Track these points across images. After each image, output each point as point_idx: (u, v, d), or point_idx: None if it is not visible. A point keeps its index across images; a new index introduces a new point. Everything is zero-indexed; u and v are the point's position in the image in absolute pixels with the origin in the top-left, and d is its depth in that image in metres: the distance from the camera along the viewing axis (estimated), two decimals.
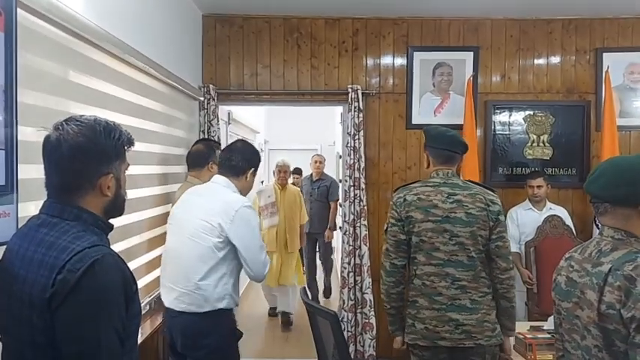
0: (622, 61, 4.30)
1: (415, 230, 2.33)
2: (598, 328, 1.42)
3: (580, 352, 1.49)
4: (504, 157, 4.44)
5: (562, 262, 1.66)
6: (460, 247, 2.29)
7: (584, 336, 1.47)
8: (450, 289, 2.29)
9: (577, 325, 1.50)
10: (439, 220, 2.30)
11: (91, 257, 1.23)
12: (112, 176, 1.36)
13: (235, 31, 4.37)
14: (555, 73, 4.39)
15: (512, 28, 4.38)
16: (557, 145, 4.39)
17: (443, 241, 2.30)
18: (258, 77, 4.39)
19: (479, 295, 2.31)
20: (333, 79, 4.39)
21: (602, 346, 1.41)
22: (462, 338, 2.28)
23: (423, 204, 2.33)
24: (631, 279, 1.36)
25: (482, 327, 2.30)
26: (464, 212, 2.30)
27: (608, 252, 1.47)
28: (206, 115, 4.19)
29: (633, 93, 4.34)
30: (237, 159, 2.50)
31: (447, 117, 4.37)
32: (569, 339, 1.54)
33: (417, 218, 2.32)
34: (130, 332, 1.35)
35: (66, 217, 1.32)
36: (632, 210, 1.48)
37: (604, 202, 1.51)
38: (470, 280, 2.30)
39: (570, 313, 1.53)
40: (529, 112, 4.40)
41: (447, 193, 2.33)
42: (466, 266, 2.30)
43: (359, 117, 4.26)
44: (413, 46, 4.38)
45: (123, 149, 1.38)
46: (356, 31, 4.39)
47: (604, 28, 4.34)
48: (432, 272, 2.31)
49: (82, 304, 1.22)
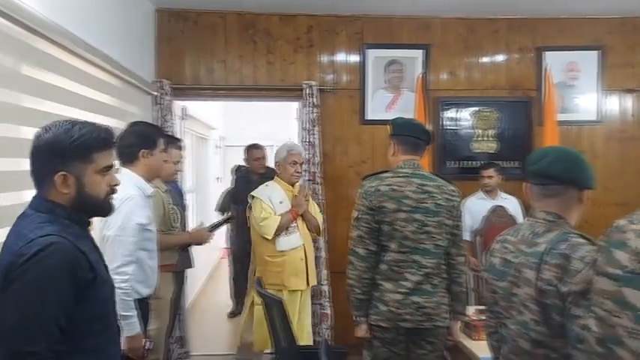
0: (562, 60, 4.55)
1: (387, 220, 2.41)
2: (536, 304, 1.53)
3: (517, 326, 1.60)
4: (453, 152, 4.61)
5: (495, 245, 1.76)
6: (428, 235, 2.41)
7: (521, 311, 1.58)
8: (416, 275, 2.41)
9: (514, 302, 1.61)
10: (410, 210, 2.41)
11: (39, 244, 1.34)
12: (68, 175, 1.44)
13: (190, 26, 4.37)
14: (500, 71, 4.60)
15: (461, 26, 4.55)
16: (502, 139, 4.60)
17: (412, 229, 2.40)
18: (214, 72, 4.41)
19: (439, 280, 2.45)
20: (289, 75, 4.45)
21: (540, 320, 1.52)
22: (421, 320, 2.41)
23: (395, 194, 2.42)
24: (567, 257, 1.48)
25: (440, 309, 2.44)
26: (433, 202, 2.42)
27: (543, 233, 1.59)
28: (160, 111, 4.17)
29: (572, 90, 4.59)
30: (123, 145, 2.39)
31: (399, 113, 4.48)
32: (508, 315, 1.65)
33: (389, 208, 2.41)
34: (96, 314, 1.45)
35: (41, 209, 1.45)
36: (578, 193, 1.62)
37: (559, 184, 1.61)
38: (433, 267, 2.43)
39: (507, 292, 1.64)
40: (476, 107, 4.59)
41: (417, 184, 2.44)
42: (432, 254, 2.42)
43: (315, 112, 4.34)
44: (366, 43, 4.50)
45: (86, 151, 1.45)
46: (310, 27, 4.46)
47: (545, 27, 4.57)
48: (400, 259, 2.41)
49: (22, 287, 1.33)
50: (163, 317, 2.96)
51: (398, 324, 2.41)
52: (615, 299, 1.07)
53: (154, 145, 2.49)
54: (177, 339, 4.14)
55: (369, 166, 4.48)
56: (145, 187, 2.46)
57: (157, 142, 2.51)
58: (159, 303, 2.86)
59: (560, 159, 1.63)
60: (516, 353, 1.62)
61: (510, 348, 1.65)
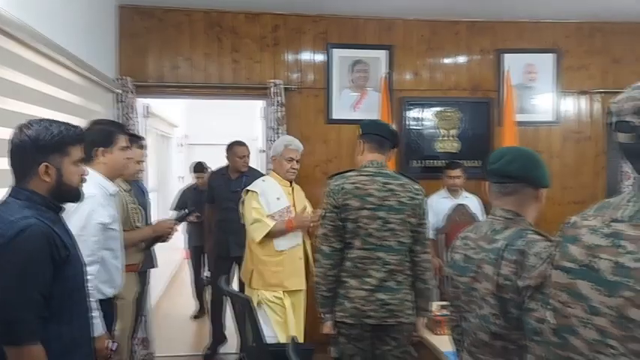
0: (520, 62, 4.69)
1: (351, 217, 2.46)
2: (495, 298, 1.58)
3: (478, 320, 1.66)
4: (417, 151, 4.69)
5: (457, 242, 1.82)
6: (391, 232, 2.46)
7: (481, 306, 1.64)
8: (380, 271, 2.45)
9: (475, 297, 1.67)
10: (374, 208, 2.45)
11: (21, 226, 1.57)
12: (50, 166, 1.68)
13: (154, 24, 4.31)
14: (462, 72, 4.71)
15: (423, 28, 4.64)
16: (464, 139, 4.71)
17: (376, 227, 2.45)
18: (179, 70, 4.36)
19: (403, 276, 2.50)
20: (255, 74, 4.45)
21: (499, 313, 1.58)
22: (385, 316, 2.45)
23: (359, 192, 2.47)
24: (523, 253, 1.54)
25: (404, 306, 2.48)
26: (396, 200, 2.47)
27: (501, 230, 1.66)
28: (123, 108, 4.11)
29: (530, 91, 4.74)
30: None
31: (365, 112, 4.55)
32: (469, 309, 1.71)
33: (353, 206, 2.46)
34: (70, 289, 1.69)
35: (19, 197, 1.67)
36: (534, 191, 1.69)
37: (516, 182, 1.68)
38: (397, 264, 2.48)
39: (468, 287, 1.70)
40: (439, 108, 4.69)
41: (382, 183, 2.49)
42: (395, 251, 2.47)
43: (281, 111, 4.35)
44: (331, 43, 4.53)
45: (63, 145, 1.71)
46: (276, 26, 4.47)
47: (504, 30, 4.70)
48: (365, 256, 2.46)
49: (9, 262, 1.55)
50: (126, 318, 2.92)
51: (363, 320, 2.45)
52: (570, 291, 1.12)
53: (111, 144, 2.47)
54: (141, 340, 4.08)
55: (335, 165, 4.51)
56: (107, 186, 2.43)
57: (115, 140, 2.48)
58: (122, 303, 2.82)
59: (517, 159, 1.70)
60: (477, 345, 1.68)
61: (471, 341, 1.71)
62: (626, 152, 1.09)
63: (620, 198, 1.12)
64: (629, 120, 1.04)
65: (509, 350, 1.59)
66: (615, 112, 1.08)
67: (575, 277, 1.11)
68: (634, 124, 1.03)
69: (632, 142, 1.05)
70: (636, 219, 1.03)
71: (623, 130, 1.05)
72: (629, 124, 1.04)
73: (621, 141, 1.07)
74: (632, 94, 1.05)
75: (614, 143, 1.12)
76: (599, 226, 1.10)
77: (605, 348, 1.03)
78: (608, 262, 1.04)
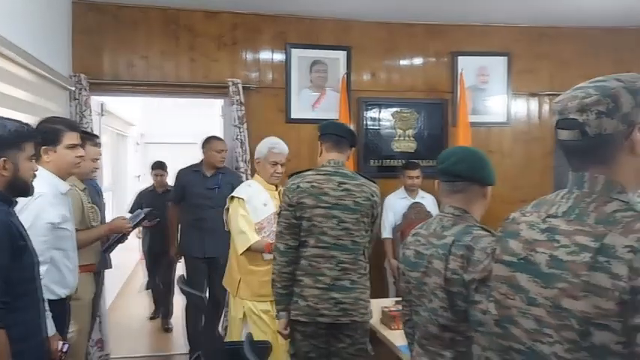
0: (473, 64, 4.83)
1: (306, 215, 2.48)
2: (444, 292, 1.65)
3: (428, 313, 1.73)
4: (375, 151, 4.78)
5: (409, 238, 1.88)
6: (346, 232, 2.49)
7: (431, 299, 1.71)
8: (334, 270, 2.48)
9: (425, 291, 1.74)
10: (329, 207, 2.48)
11: None
12: (7, 160, 1.79)
13: (109, 20, 4.23)
14: (418, 73, 4.82)
15: (380, 30, 4.72)
16: (420, 139, 4.82)
17: (331, 226, 2.47)
18: (134, 68, 4.30)
19: (357, 276, 2.52)
20: (213, 72, 4.43)
21: (447, 307, 1.65)
22: (339, 315, 2.48)
23: (315, 191, 2.49)
24: (470, 248, 1.62)
25: (358, 305, 2.51)
26: (352, 200, 2.51)
27: (450, 227, 1.73)
28: (77, 106, 4.02)
29: (483, 93, 4.90)
30: None
31: (323, 112, 4.60)
32: (420, 303, 1.77)
33: (308, 204, 2.48)
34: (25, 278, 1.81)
35: None
36: (481, 189, 1.78)
37: (464, 181, 1.75)
38: (351, 263, 2.50)
39: (419, 281, 1.76)
40: (396, 108, 4.78)
41: (338, 182, 2.52)
42: (349, 250, 2.50)
43: (240, 110, 4.35)
44: (290, 43, 4.56)
45: (19, 141, 1.82)
46: (234, 25, 4.46)
47: (458, 33, 4.84)
48: (319, 254, 2.48)
49: None
50: (83, 319, 2.87)
51: (316, 319, 2.48)
52: (510, 283, 1.19)
53: (56, 142, 2.42)
54: (97, 341, 4.01)
55: (294, 164, 4.50)
56: (58, 185, 2.38)
57: (61, 139, 2.43)
58: (78, 304, 2.77)
59: (465, 158, 1.78)
60: (427, 338, 1.75)
61: (422, 333, 1.77)
62: (568, 149, 1.15)
63: (555, 195, 1.20)
64: (573, 117, 1.10)
65: (457, 342, 1.66)
66: (559, 111, 1.14)
67: (514, 270, 1.18)
68: (578, 121, 1.09)
69: (575, 138, 1.10)
70: (569, 214, 1.11)
71: (567, 127, 1.11)
72: (574, 121, 1.10)
73: (564, 138, 1.13)
74: (574, 94, 1.12)
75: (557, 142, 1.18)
76: (537, 222, 1.17)
77: (542, 336, 1.10)
78: (545, 255, 1.11)
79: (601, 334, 1.00)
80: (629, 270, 0.96)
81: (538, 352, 1.11)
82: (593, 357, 1.02)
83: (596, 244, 1.02)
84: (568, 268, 1.05)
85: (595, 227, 1.04)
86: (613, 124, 1.07)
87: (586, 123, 1.08)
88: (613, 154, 1.10)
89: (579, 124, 1.09)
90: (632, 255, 0.97)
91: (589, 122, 1.08)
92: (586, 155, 1.12)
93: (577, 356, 1.04)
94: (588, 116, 1.08)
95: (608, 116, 1.07)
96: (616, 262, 0.98)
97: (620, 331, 0.97)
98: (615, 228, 1.01)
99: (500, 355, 1.22)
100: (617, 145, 1.09)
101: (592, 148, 1.10)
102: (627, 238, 0.99)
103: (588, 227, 1.05)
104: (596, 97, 1.08)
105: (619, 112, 1.08)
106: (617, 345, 0.98)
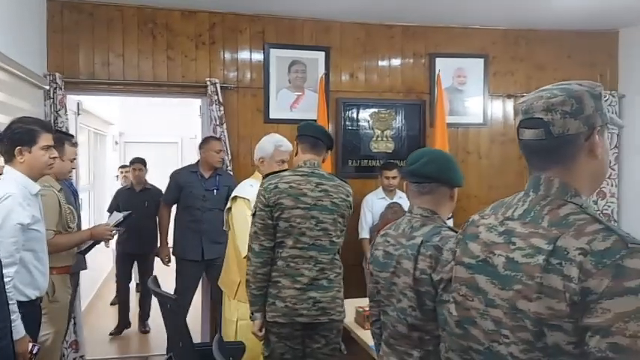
0: (451, 66, 4.88)
1: (284, 216, 2.48)
2: (413, 291, 1.68)
3: (397, 313, 1.75)
4: (353, 151, 4.79)
5: (378, 239, 1.91)
6: (324, 232, 2.51)
7: (399, 299, 1.74)
8: (312, 270, 2.49)
9: (394, 291, 1.76)
10: (308, 208, 2.49)
11: None
12: None
13: (84, 19, 4.18)
14: (396, 74, 4.85)
15: (359, 31, 4.74)
16: (398, 139, 4.85)
17: (309, 226, 2.49)
18: (111, 66, 4.26)
19: (334, 275, 2.55)
20: (191, 72, 4.41)
21: (416, 306, 1.68)
22: (317, 314, 2.50)
23: (293, 192, 2.49)
24: (438, 248, 1.65)
25: (335, 303, 2.54)
26: (329, 201, 2.53)
27: (419, 227, 1.76)
28: (52, 105, 3.97)
29: (460, 94, 4.95)
30: (1, 143, 2.38)
31: (302, 112, 4.60)
32: (388, 303, 1.80)
33: (287, 205, 2.48)
34: None
35: None
36: (449, 190, 1.81)
37: (433, 182, 1.78)
38: (328, 262, 2.53)
39: (388, 281, 1.79)
40: (374, 109, 4.81)
41: (316, 183, 2.53)
42: (327, 250, 2.52)
43: (219, 110, 4.33)
44: (269, 43, 4.55)
45: None
46: (213, 24, 4.44)
47: (436, 35, 4.88)
48: (298, 255, 2.49)
49: None
50: (61, 321, 2.85)
51: (294, 319, 2.49)
52: (469, 285, 1.21)
53: (32, 142, 2.39)
54: (71, 343, 3.97)
55: None
56: (28, 185, 2.36)
57: (35, 139, 2.40)
58: (56, 306, 2.75)
59: (434, 160, 1.80)
60: (395, 337, 1.77)
61: (390, 333, 1.80)
62: (531, 148, 1.16)
63: (512, 197, 1.22)
64: (538, 116, 1.12)
65: (425, 341, 1.69)
66: (524, 110, 1.15)
67: (474, 272, 1.20)
68: (544, 120, 1.11)
69: (539, 137, 1.12)
70: (525, 217, 1.13)
71: (532, 126, 1.13)
72: (540, 120, 1.12)
73: (528, 137, 1.15)
74: (540, 94, 1.14)
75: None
76: (495, 224, 1.19)
77: (499, 337, 1.13)
78: (502, 257, 1.13)
79: (554, 335, 1.02)
80: (580, 272, 0.98)
81: (495, 353, 1.14)
82: (546, 357, 1.04)
83: (549, 247, 1.04)
84: (523, 270, 1.08)
85: (549, 230, 1.07)
86: (576, 125, 1.10)
87: (551, 122, 1.11)
88: (573, 154, 1.12)
89: (544, 123, 1.11)
90: (582, 257, 0.99)
91: (554, 122, 1.10)
92: (548, 155, 1.14)
93: (531, 356, 1.06)
94: (553, 116, 1.10)
95: (572, 117, 1.10)
96: (568, 264, 1.00)
97: (572, 332, 1.00)
98: (568, 231, 1.04)
99: (460, 355, 1.25)
100: (577, 147, 1.12)
101: (555, 148, 1.12)
102: (579, 241, 1.01)
103: (542, 230, 1.08)
104: (561, 97, 1.10)
105: (582, 114, 1.10)
106: (568, 345, 1.01)
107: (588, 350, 0.97)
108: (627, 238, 1.00)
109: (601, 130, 1.13)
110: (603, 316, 0.95)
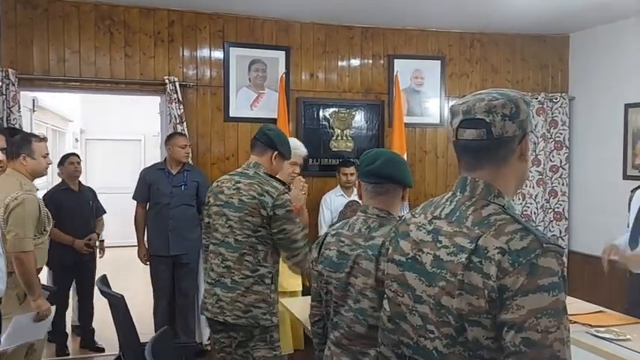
0: (409, 67, 4.97)
1: (207, 213, 2.59)
2: (374, 292, 1.68)
3: (354, 313, 1.75)
4: (314, 150, 4.81)
5: (329, 238, 1.89)
6: (230, 230, 2.49)
7: (358, 300, 1.74)
8: (220, 267, 2.50)
9: (350, 291, 1.76)
10: (222, 205, 2.52)
11: None
12: None
13: (39, 14, 4.10)
14: (355, 75, 4.92)
15: (319, 31, 4.79)
16: (357, 138, 4.92)
17: (221, 223, 2.52)
18: (66, 63, 4.19)
19: (240, 276, 2.46)
20: (149, 69, 4.37)
21: (377, 306, 1.65)
22: (217, 312, 2.49)
23: (216, 190, 2.57)
24: None
25: (234, 306, 2.44)
26: (238, 199, 2.48)
27: (377, 228, 1.77)
28: (5, 102, 3.89)
29: (418, 95, 5.05)
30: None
31: (262, 111, 4.62)
32: (342, 303, 1.79)
33: (210, 202, 2.58)
34: None
35: None
36: (401, 191, 1.85)
37: (388, 183, 1.81)
38: (234, 262, 2.47)
39: (343, 282, 1.78)
40: (334, 108, 4.86)
41: (235, 181, 2.54)
42: (233, 248, 2.48)
43: (179, 108, 4.31)
44: (229, 41, 4.55)
45: None
46: (172, 22, 4.42)
47: (394, 37, 4.96)
48: (212, 250, 2.56)
49: None
50: None
51: (203, 312, 2.59)
52: (400, 282, 1.27)
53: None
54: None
55: (233, 163, 4.54)
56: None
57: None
58: None
59: (389, 161, 1.83)
60: (350, 338, 1.76)
61: (344, 333, 1.78)
62: (469, 149, 1.20)
63: (441, 197, 1.28)
64: (480, 117, 1.17)
65: None
66: (464, 111, 1.19)
67: (404, 270, 1.26)
68: (485, 121, 1.16)
69: (480, 137, 1.17)
70: (451, 216, 1.20)
71: (473, 126, 1.18)
72: (481, 121, 1.16)
73: (468, 137, 1.19)
74: (481, 97, 1.19)
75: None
76: (424, 223, 1.25)
77: (425, 332, 1.19)
78: (430, 255, 1.19)
79: (474, 330, 1.08)
80: (498, 270, 1.05)
81: (423, 347, 1.20)
82: (467, 351, 1.11)
83: (471, 246, 1.11)
84: (447, 267, 1.14)
85: (472, 229, 1.13)
86: (513, 127, 1.17)
87: (492, 123, 1.16)
88: (506, 156, 1.19)
89: (486, 123, 1.16)
90: (500, 256, 1.06)
91: (495, 123, 1.16)
92: (486, 155, 1.19)
93: (453, 350, 1.12)
94: (494, 117, 1.16)
95: (510, 120, 1.16)
96: (487, 262, 1.07)
97: (490, 327, 1.07)
98: (489, 230, 1.11)
99: (392, 349, 1.30)
100: (511, 149, 1.19)
101: (494, 148, 1.18)
102: (498, 240, 1.08)
103: (466, 229, 1.14)
104: (502, 100, 1.16)
105: (518, 118, 1.17)
106: (487, 340, 1.08)
107: (504, 345, 1.03)
108: (543, 238, 1.07)
109: (527, 135, 1.21)
110: (518, 312, 1.02)
